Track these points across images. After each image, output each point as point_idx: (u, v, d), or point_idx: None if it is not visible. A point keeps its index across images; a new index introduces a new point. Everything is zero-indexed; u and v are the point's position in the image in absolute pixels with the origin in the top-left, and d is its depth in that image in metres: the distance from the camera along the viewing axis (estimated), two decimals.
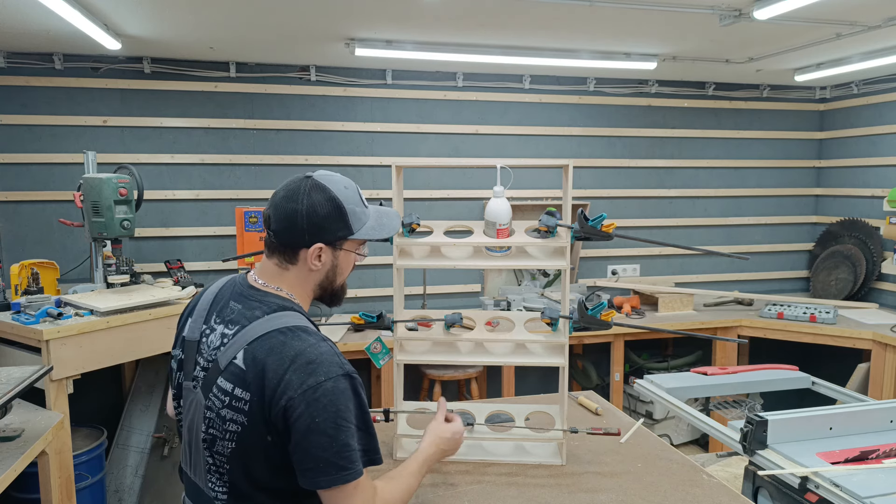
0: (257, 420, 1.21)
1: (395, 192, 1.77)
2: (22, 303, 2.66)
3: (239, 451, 1.24)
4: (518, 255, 1.79)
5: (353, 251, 1.41)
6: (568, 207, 1.70)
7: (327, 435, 1.19)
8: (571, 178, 1.72)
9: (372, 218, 1.43)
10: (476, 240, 1.75)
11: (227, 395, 1.24)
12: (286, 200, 1.32)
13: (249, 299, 1.32)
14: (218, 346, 1.28)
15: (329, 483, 1.19)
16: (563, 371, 1.74)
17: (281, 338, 1.24)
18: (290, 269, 1.35)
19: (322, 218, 1.31)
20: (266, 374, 1.20)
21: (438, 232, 1.80)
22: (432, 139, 4.07)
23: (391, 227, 1.46)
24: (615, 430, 1.78)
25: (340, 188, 1.36)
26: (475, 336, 1.78)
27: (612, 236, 1.66)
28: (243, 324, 1.27)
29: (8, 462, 1.99)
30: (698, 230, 4.61)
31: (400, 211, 1.76)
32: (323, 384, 1.19)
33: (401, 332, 1.80)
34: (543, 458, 1.77)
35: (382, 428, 1.99)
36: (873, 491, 1.55)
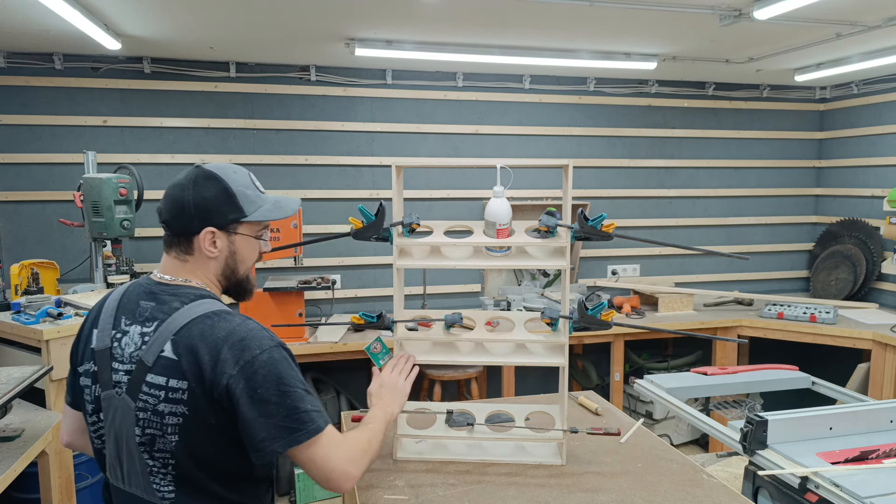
0: (199, 406, 1.21)
1: (395, 192, 1.77)
2: (22, 303, 2.66)
3: (184, 443, 1.23)
4: (518, 255, 1.79)
5: (253, 236, 1.38)
6: (568, 207, 1.70)
7: (273, 403, 1.20)
8: (571, 178, 1.71)
9: (269, 202, 1.39)
10: (476, 240, 1.75)
11: (161, 390, 1.22)
12: (174, 189, 1.33)
13: (162, 294, 1.31)
14: (139, 346, 1.25)
15: (286, 445, 1.21)
16: (563, 371, 1.74)
17: (208, 322, 1.24)
18: (189, 259, 1.34)
19: (209, 201, 1.30)
20: (201, 359, 1.20)
21: (438, 232, 1.80)
22: (432, 139, 4.07)
23: (289, 209, 1.41)
24: (615, 430, 1.78)
25: (229, 172, 1.34)
26: (475, 336, 1.78)
27: (612, 236, 1.66)
28: (162, 318, 1.26)
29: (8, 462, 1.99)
30: (698, 230, 4.61)
31: (400, 211, 1.76)
32: (258, 357, 1.21)
33: (401, 332, 1.80)
34: (543, 458, 1.77)
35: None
36: (873, 491, 1.55)
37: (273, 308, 3.28)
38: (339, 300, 3.92)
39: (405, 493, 1.58)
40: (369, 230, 1.71)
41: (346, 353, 3.41)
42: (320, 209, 3.92)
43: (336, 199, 3.95)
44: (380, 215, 1.70)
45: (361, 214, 1.71)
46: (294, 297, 3.31)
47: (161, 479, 1.26)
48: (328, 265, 3.96)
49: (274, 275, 3.77)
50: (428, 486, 1.62)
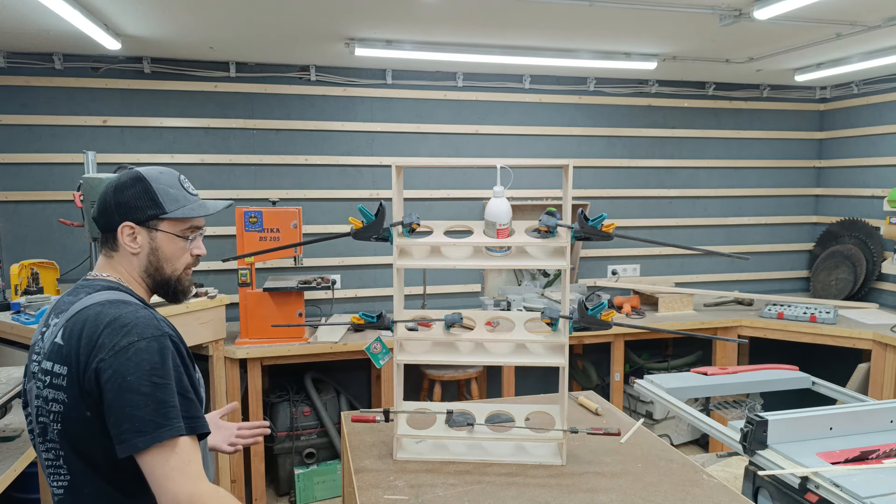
0: (75, 394, 1.19)
1: (395, 192, 1.77)
2: (22, 303, 2.66)
3: (65, 432, 1.20)
4: (518, 255, 1.78)
5: (176, 234, 1.36)
6: (568, 207, 1.70)
7: (141, 393, 1.14)
8: (571, 178, 1.71)
9: (194, 203, 1.39)
10: (476, 240, 1.75)
11: (47, 375, 1.22)
12: (104, 189, 1.36)
13: (79, 288, 1.33)
14: (52, 338, 1.26)
15: (147, 443, 1.13)
16: (563, 371, 1.74)
17: (98, 308, 1.22)
18: (114, 256, 1.36)
19: (128, 197, 1.32)
20: (80, 343, 1.19)
21: (438, 232, 1.80)
22: (432, 139, 4.07)
23: (211, 208, 1.41)
24: (615, 430, 1.77)
25: (154, 172, 1.37)
26: (475, 336, 1.78)
27: (612, 236, 1.66)
28: (67, 308, 1.27)
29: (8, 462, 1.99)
30: (698, 230, 4.61)
31: (400, 211, 1.76)
32: (135, 343, 1.17)
33: (401, 332, 1.79)
34: (543, 459, 1.76)
35: (382, 428, 1.99)
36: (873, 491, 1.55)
37: (273, 308, 3.28)
38: (339, 300, 3.92)
39: (405, 493, 1.58)
40: (369, 230, 1.71)
41: (346, 354, 3.41)
42: (320, 209, 3.92)
43: (336, 199, 3.95)
44: (380, 215, 1.70)
45: (361, 214, 1.71)
46: (294, 297, 3.31)
47: (54, 473, 1.25)
48: (328, 265, 3.96)
49: (274, 275, 3.77)
50: (428, 486, 1.62)
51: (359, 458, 1.79)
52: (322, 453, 3.61)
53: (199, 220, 1.41)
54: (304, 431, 3.58)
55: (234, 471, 3.32)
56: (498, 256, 1.79)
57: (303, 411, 3.58)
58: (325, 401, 3.65)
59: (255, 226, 3.22)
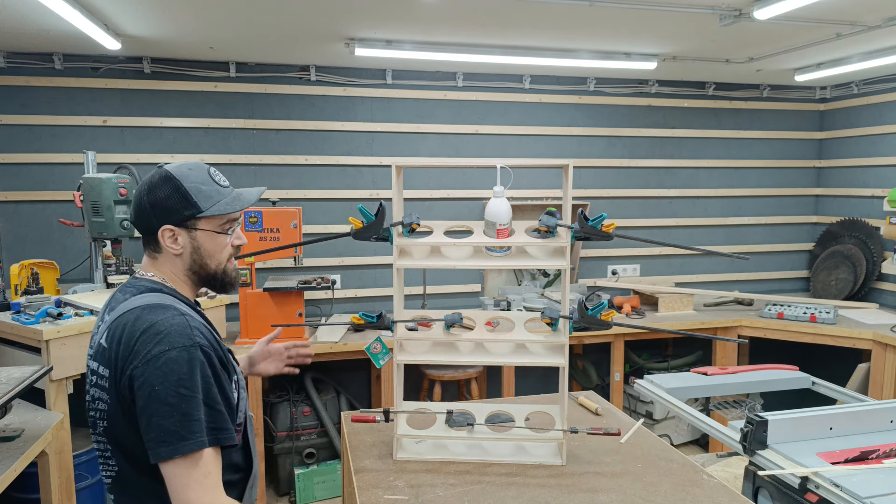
0: (114, 396, 1.24)
1: (395, 192, 1.77)
2: (22, 303, 2.66)
3: (109, 430, 1.26)
4: (518, 255, 1.78)
5: (215, 231, 1.38)
6: (568, 207, 1.70)
7: (168, 403, 1.17)
8: (572, 178, 1.71)
9: (229, 196, 1.39)
10: (476, 240, 1.75)
11: (94, 374, 1.28)
12: (136, 191, 1.38)
13: (127, 287, 1.36)
14: (99, 338, 1.31)
15: (169, 454, 1.16)
16: (563, 371, 1.74)
17: (137, 313, 1.25)
18: (158, 257, 1.38)
19: (161, 197, 1.32)
20: (119, 348, 1.23)
21: (438, 232, 1.80)
22: (432, 139, 4.07)
23: (247, 200, 1.42)
24: (615, 431, 1.77)
25: (183, 170, 1.36)
26: (475, 336, 1.78)
27: (612, 236, 1.66)
28: (115, 307, 1.31)
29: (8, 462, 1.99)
30: (698, 230, 4.61)
31: (400, 211, 1.76)
32: (166, 353, 1.19)
33: (401, 332, 1.79)
34: (543, 459, 1.77)
35: (382, 428, 2.00)
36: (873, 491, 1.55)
37: (273, 308, 3.28)
38: (339, 300, 3.92)
39: (405, 493, 1.58)
40: (369, 230, 1.71)
41: (345, 354, 3.41)
42: (320, 209, 3.93)
43: (336, 199, 3.95)
44: (380, 215, 1.70)
45: (361, 214, 1.71)
46: (294, 297, 3.31)
47: (104, 464, 1.31)
48: (328, 265, 3.96)
49: (274, 275, 3.77)
50: (428, 486, 1.62)
51: (359, 458, 1.79)
52: (322, 453, 3.61)
53: (236, 213, 1.41)
54: (304, 431, 3.58)
55: None
56: (498, 256, 1.80)
57: (303, 411, 3.59)
58: (325, 401, 3.65)
59: (255, 226, 3.22)
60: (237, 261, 1.51)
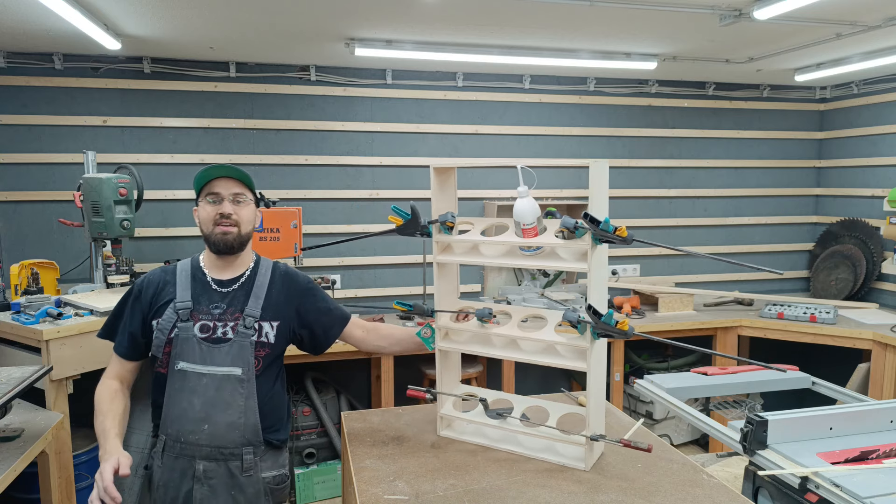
0: None
1: (434, 192, 1.87)
2: (22, 303, 2.66)
3: None
4: (548, 256, 1.76)
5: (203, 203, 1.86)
6: (598, 208, 1.65)
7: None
8: (600, 179, 1.67)
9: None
10: (508, 239, 1.75)
11: None
12: None
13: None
14: None
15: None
16: (588, 376, 1.70)
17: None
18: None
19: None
20: None
21: (477, 229, 1.84)
22: (432, 139, 4.07)
23: (207, 175, 1.86)
24: (646, 446, 1.63)
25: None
26: (509, 332, 1.80)
27: (630, 240, 1.58)
28: None
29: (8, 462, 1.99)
30: (698, 230, 4.61)
31: (439, 210, 1.87)
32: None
33: (443, 321, 1.87)
34: (569, 461, 1.74)
35: (382, 428, 2.00)
36: (873, 491, 1.55)
37: None
38: (339, 300, 3.91)
39: (405, 493, 1.58)
40: (409, 227, 1.84)
41: (345, 354, 3.40)
42: (320, 209, 3.93)
43: (336, 199, 3.95)
44: (415, 214, 1.83)
45: (397, 213, 1.82)
46: None
47: None
48: (328, 265, 3.96)
49: None
50: (428, 486, 1.62)
51: (359, 458, 1.79)
52: (322, 453, 3.61)
53: (211, 186, 1.83)
54: (304, 431, 3.58)
55: None
56: (528, 256, 1.79)
57: (303, 411, 3.59)
58: (325, 401, 3.65)
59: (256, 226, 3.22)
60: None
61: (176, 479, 1.74)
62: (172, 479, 1.75)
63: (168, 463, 1.76)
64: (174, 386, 1.76)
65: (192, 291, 1.82)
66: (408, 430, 2.00)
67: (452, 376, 2.01)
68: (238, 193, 1.83)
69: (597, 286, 1.69)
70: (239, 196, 1.83)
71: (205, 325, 1.78)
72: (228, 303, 1.82)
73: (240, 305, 1.82)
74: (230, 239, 1.81)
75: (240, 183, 1.84)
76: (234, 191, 1.82)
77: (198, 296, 1.82)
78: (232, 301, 1.83)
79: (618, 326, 1.61)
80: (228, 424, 1.74)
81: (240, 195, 1.83)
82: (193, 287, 1.83)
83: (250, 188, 1.87)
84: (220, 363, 1.75)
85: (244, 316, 1.80)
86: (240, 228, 1.83)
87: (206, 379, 1.75)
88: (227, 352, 1.76)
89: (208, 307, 1.80)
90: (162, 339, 1.78)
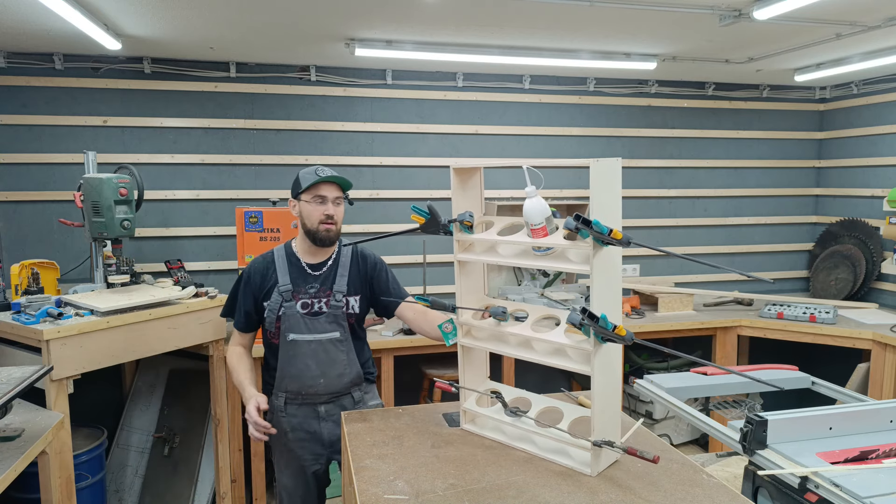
0: None
1: (454, 192, 1.93)
2: (22, 303, 2.66)
3: None
4: (557, 257, 1.74)
5: (307, 202, 2.23)
6: (616, 208, 1.62)
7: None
8: (603, 178, 1.61)
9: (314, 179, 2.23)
10: (521, 239, 1.75)
11: None
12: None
13: None
14: None
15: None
16: (592, 380, 1.66)
17: None
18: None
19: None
20: None
21: (496, 228, 1.87)
22: (432, 139, 4.08)
23: (314, 178, 2.22)
24: (652, 457, 1.57)
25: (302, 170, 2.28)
26: (523, 332, 1.80)
27: (627, 242, 1.54)
28: None
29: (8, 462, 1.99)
30: (698, 230, 4.61)
31: (458, 209, 1.94)
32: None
33: (465, 317, 1.90)
34: (577, 465, 1.71)
35: (382, 428, 2.00)
36: (873, 491, 1.55)
37: None
38: None
39: (405, 493, 1.58)
40: (431, 226, 1.93)
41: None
42: None
43: None
44: (432, 213, 1.93)
45: (417, 212, 1.91)
46: None
47: None
48: None
49: None
50: (428, 486, 1.62)
51: (359, 458, 1.79)
52: None
53: (318, 189, 2.21)
54: None
55: (235, 470, 3.32)
56: (539, 256, 1.79)
57: None
58: None
59: (256, 226, 3.22)
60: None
61: (303, 422, 2.28)
62: (301, 423, 2.28)
63: (293, 411, 2.28)
64: (288, 353, 2.23)
65: (290, 275, 2.26)
66: (408, 430, 2.00)
67: (476, 372, 2.04)
68: (338, 197, 2.24)
69: (600, 290, 1.64)
70: (338, 199, 2.24)
71: (304, 302, 2.24)
72: (321, 283, 2.27)
73: (329, 284, 2.27)
74: (332, 235, 2.24)
75: (340, 187, 2.25)
76: (336, 195, 2.23)
77: (295, 278, 2.26)
78: (323, 281, 2.27)
79: (615, 331, 1.57)
80: (338, 375, 2.26)
81: (338, 198, 2.24)
82: (291, 271, 2.27)
83: (345, 191, 2.28)
84: (322, 330, 2.24)
85: (334, 293, 2.26)
86: (337, 226, 2.25)
87: (314, 344, 2.23)
88: (326, 320, 2.24)
89: (305, 287, 2.25)
90: (273, 317, 2.24)
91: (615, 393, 1.75)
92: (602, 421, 1.69)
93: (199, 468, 3.43)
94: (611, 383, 1.72)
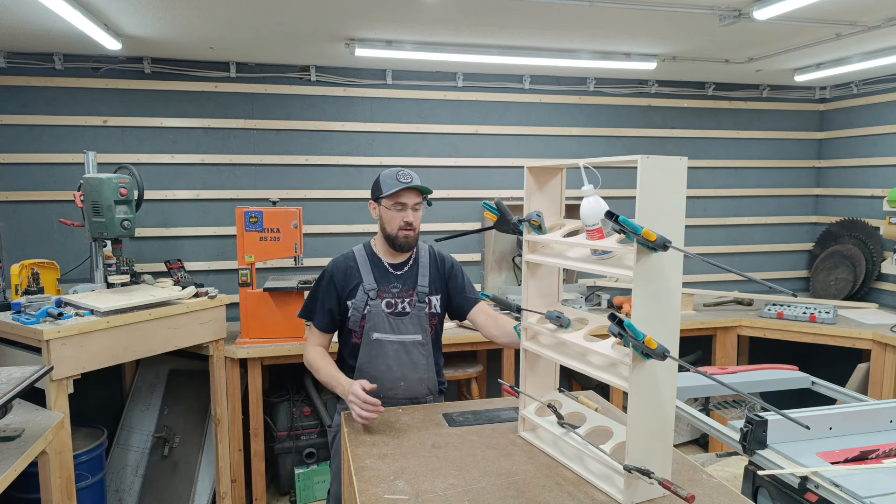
0: None
1: (527, 192, 1.87)
2: (22, 303, 2.66)
3: None
4: (616, 262, 1.59)
5: (387, 207, 2.23)
6: (680, 209, 1.51)
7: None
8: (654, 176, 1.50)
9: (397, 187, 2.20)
10: (582, 241, 1.66)
11: None
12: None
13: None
14: None
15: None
16: (629, 397, 1.50)
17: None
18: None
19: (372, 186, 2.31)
20: None
21: (560, 231, 1.82)
22: (432, 139, 4.08)
23: (397, 184, 2.20)
24: (686, 495, 1.37)
25: (384, 172, 2.27)
26: (580, 342, 1.68)
27: (661, 244, 1.38)
28: None
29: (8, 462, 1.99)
30: (698, 230, 4.61)
31: (529, 209, 1.87)
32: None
33: (527, 321, 1.90)
34: (614, 491, 1.57)
35: (382, 428, 2.00)
36: (873, 491, 1.55)
37: (273, 308, 3.28)
38: None
39: (405, 493, 1.58)
40: (502, 224, 1.91)
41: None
42: (320, 209, 3.93)
43: (336, 199, 3.95)
44: (501, 210, 1.91)
45: (489, 209, 1.90)
46: (294, 297, 3.30)
47: None
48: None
49: (274, 275, 3.77)
50: (428, 486, 1.62)
51: (359, 458, 1.79)
52: (322, 453, 3.61)
53: (399, 196, 2.19)
54: (304, 431, 3.58)
55: (235, 470, 3.33)
56: (596, 260, 1.65)
57: (303, 411, 3.59)
58: (325, 401, 3.65)
59: (256, 226, 3.22)
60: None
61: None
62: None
63: None
64: (371, 353, 2.24)
65: (373, 275, 2.28)
66: (408, 430, 2.00)
67: (538, 379, 1.97)
68: (417, 203, 2.24)
69: (642, 301, 1.45)
70: (417, 205, 2.24)
71: (389, 301, 2.26)
72: (402, 282, 2.29)
73: (412, 283, 2.29)
74: (411, 241, 2.25)
75: (419, 194, 2.24)
76: (416, 201, 2.23)
77: (379, 278, 2.28)
78: (405, 281, 2.29)
79: (644, 342, 1.38)
80: (418, 380, 2.28)
81: (417, 204, 2.25)
82: (374, 271, 2.29)
83: (425, 195, 2.28)
84: (406, 332, 2.25)
85: (416, 292, 2.28)
86: (416, 231, 2.26)
87: (397, 345, 2.24)
88: (409, 322, 2.26)
89: (388, 287, 2.27)
90: (358, 316, 2.25)
91: (657, 419, 1.51)
92: (638, 446, 1.49)
93: (198, 468, 3.43)
94: (652, 407, 1.49)
